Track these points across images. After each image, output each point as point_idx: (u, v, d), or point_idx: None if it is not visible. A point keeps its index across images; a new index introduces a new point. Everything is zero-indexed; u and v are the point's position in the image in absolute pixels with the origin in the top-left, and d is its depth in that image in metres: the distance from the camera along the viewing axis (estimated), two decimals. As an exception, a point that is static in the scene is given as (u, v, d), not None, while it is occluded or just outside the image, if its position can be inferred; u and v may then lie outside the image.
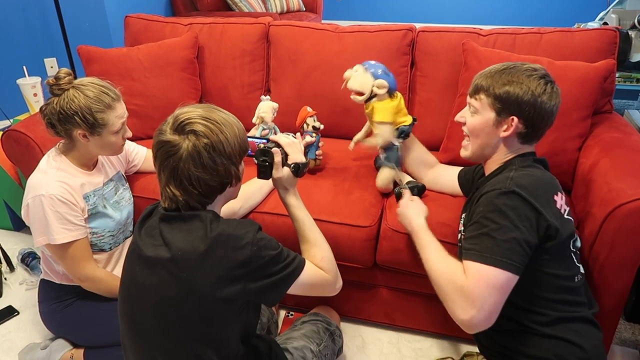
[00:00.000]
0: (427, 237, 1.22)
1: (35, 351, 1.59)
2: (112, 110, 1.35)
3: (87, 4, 3.17)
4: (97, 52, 2.00)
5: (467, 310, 1.02)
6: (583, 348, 1.09)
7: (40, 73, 2.85)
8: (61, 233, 1.35)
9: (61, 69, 1.34)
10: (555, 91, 1.15)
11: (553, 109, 1.15)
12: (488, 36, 1.84)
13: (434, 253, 1.17)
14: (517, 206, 1.04)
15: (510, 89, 1.14)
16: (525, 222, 1.03)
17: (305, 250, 1.22)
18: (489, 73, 1.19)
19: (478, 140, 1.22)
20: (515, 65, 1.17)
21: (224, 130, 1.01)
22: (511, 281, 1.03)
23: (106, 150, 1.43)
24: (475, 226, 1.09)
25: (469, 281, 1.03)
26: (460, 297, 1.04)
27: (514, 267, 1.02)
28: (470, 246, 1.07)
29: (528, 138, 1.18)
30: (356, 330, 1.74)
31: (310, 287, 1.12)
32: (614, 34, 1.71)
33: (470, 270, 1.04)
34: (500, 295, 1.03)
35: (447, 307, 1.08)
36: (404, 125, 1.54)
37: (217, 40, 2.12)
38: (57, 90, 1.32)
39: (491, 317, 1.03)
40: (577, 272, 1.15)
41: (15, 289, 1.98)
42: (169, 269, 0.97)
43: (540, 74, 1.15)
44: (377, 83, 1.47)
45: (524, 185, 1.06)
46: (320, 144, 1.72)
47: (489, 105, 1.17)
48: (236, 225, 1.00)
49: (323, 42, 1.99)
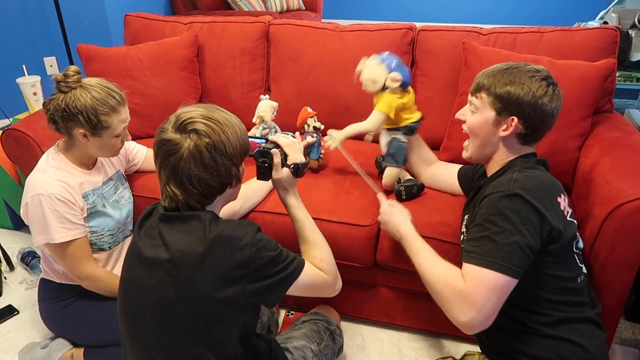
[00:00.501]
0: (417, 243, 1.22)
1: (35, 350, 1.58)
2: (116, 113, 1.35)
3: (86, 3, 3.17)
4: (97, 51, 2.00)
5: (467, 313, 1.02)
6: (585, 348, 1.09)
7: (40, 72, 2.85)
8: (60, 232, 1.35)
9: (70, 67, 1.34)
10: (556, 94, 1.15)
11: (554, 111, 1.15)
12: (488, 35, 1.84)
13: (428, 258, 1.17)
14: (520, 209, 1.04)
15: (511, 89, 1.13)
16: (528, 226, 1.03)
17: (305, 251, 1.22)
18: (492, 72, 1.18)
19: (477, 139, 1.22)
20: (518, 65, 1.17)
21: (226, 130, 1.01)
22: (510, 285, 1.03)
23: (104, 152, 1.43)
24: (477, 228, 1.09)
25: (468, 284, 1.03)
26: (459, 301, 1.04)
27: (513, 271, 1.02)
28: (471, 248, 1.07)
29: (528, 139, 1.18)
30: (356, 329, 1.74)
31: (309, 288, 1.11)
32: (615, 33, 1.71)
33: (470, 273, 1.04)
34: (499, 298, 1.03)
35: (445, 310, 1.08)
36: (411, 122, 1.54)
37: (217, 39, 2.12)
38: (64, 87, 1.32)
39: (490, 319, 1.04)
40: (579, 272, 1.14)
41: (15, 288, 1.98)
42: (168, 269, 0.97)
43: (542, 75, 1.14)
44: (392, 76, 1.46)
45: (527, 188, 1.06)
46: (322, 144, 1.72)
47: (490, 104, 1.17)
48: (235, 226, 1.00)
49: (323, 41, 1.99)
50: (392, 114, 1.49)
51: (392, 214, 1.35)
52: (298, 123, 1.72)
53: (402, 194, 1.56)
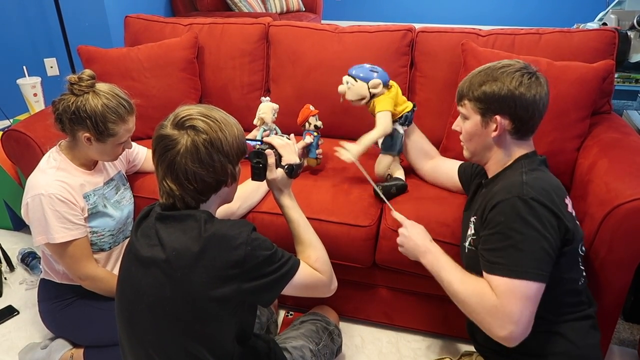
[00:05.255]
0: (444, 258, 1.20)
1: (35, 351, 1.59)
2: (124, 122, 1.36)
3: (87, 4, 3.18)
4: (97, 52, 2.00)
5: (505, 327, 1.01)
6: (578, 345, 1.09)
7: (40, 73, 2.86)
8: (60, 232, 1.35)
9: (85, 70, 1.34)
10: (534, 81, 1.13)
11: (536, 99, 1.12)
12: (487, 37, 1.84)
13: (456, 275, 1.15)
14: (540, 213, 1.02)
15: (486, 89, 1.14)
16: (549, 229, 1.02)
17: (300, 252, 1.23)
18: (468, 78, 1.19)
19: (472, 144, 1.22)
20: (490, 65, 1.17)
21: (224, 128, 1.02)
22: (541, 290, 1.02)
23: (104, 157, 1.44)
24: (497, 237, 1.06)
25: (501, 299, 1.02)
26: (495, 317, 1.03)
27: (543, 277, 1.01)
28: (495, 259, 1.05)
29: (520, 133, 1.16)
30: (355, 329, 1.74)
31: (305, 288, 1.12)
32: (613, 34, 1.71)
33: (500, 287, 1.03)
34: (533, 305, 1.02)
35: (482, 327, 1.07)
36: (406, 112, 1.56)
37: (216, 40, 2.13)
38: (77, 90, 1.32)
39: (529, 327, 1.03)
40: (581, 275, 1.15)
41: (15, 288, 1.99)
42: (164, 269, 0.98)
43: (515, 67, 1.13)
44: (372, 84, 1.51)
45: (541, 191, 1.05)
46: (320, 142, 1.73)
47: (473, 109, 1.17)
48: (230, 225, 1.01)
49: (323, 43, 2.00)
50: (393, 107, 1.53)
51: (414, 232, 1.32)
52: (299, 120, 1.73)
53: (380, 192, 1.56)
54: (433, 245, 1.26)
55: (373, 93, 1.52)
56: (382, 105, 1.52)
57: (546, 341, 1.11)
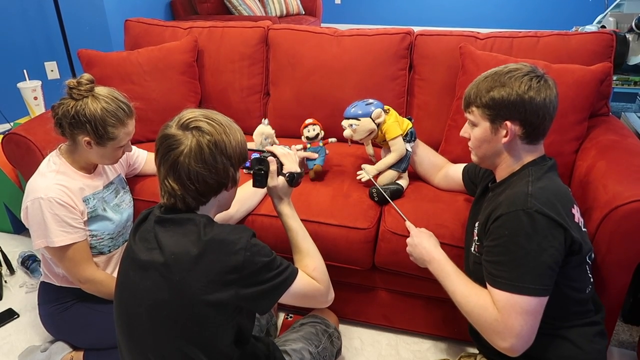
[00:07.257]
0: (449, 267, 1.21)
1: (35, 354, 1.59)
2: (123, 126, 1.36)
3: (87, 8, 3.19)
4: (98, 55, 2.01)
5: (506, 339, 1.02)
6: (585, 350, 1.09)
7: (41, 77, 2.87)
8: (59, 235, 1.35)
9: (84, 74, 1.35)
10: (543, 84, 1.11)
11: (546, 102, 1.10)
12: (485, 40, 1.85)
13: (459, 285, 1.16)
14: (543, 227, 1.01)
15: (494, 94, 1.12)
16: (553, 242, 1.01)
17: (298, 260, 1.23)
18: (475, 83, 1.17)
19: (481, 150, 1.20)
20: (497, 69, 1.15)
21: (228, 132, 1.04)
22: (543, 303, 1.03)
23: (104, 161, 1.44)
24: (500, 250, 1.06)
25: (502, 313, 1.03)
26: (496, 330, 1.04)
27: (545, 291, 1.02)
28: (498, 273, 1.05)
29: (531, 137, 1.14)
30: (355, 332, 1.74)
31: (302, 297, 1.12)
32: (610, 37, 1.72)
33: (501, 301, 1.03)
34: (535, 319, 1.02)
35: (485, 337, 1.08)
36: (409, 128, 1.59)
37: (216, 43, 2.14)
38: (76, 94, 1.32)
39: (530, 339, 1.03)
40: (588, 283, 1.14)
41: (15, 291, 1.99)
42: (162, 272, 0.98)
43: (522, 72, 1.12)
44: (375, 115, 1.55)
45: (545, 202, 1.03)
46: (326, 152, 1.75)
47: (481, 116, 1.16)
48: (230, 230, 1.01)
49: (322, 46, 2.00)
50: (400, 129, 1.57)
51: (422, 239, 1.32)
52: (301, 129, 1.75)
53: (374, 195, 1.58)
54: (439, 253, 1.27)
55: (378, 123, 1.55)
56: (393, 132, 1.56)
57: (552, 345, 1.11)
